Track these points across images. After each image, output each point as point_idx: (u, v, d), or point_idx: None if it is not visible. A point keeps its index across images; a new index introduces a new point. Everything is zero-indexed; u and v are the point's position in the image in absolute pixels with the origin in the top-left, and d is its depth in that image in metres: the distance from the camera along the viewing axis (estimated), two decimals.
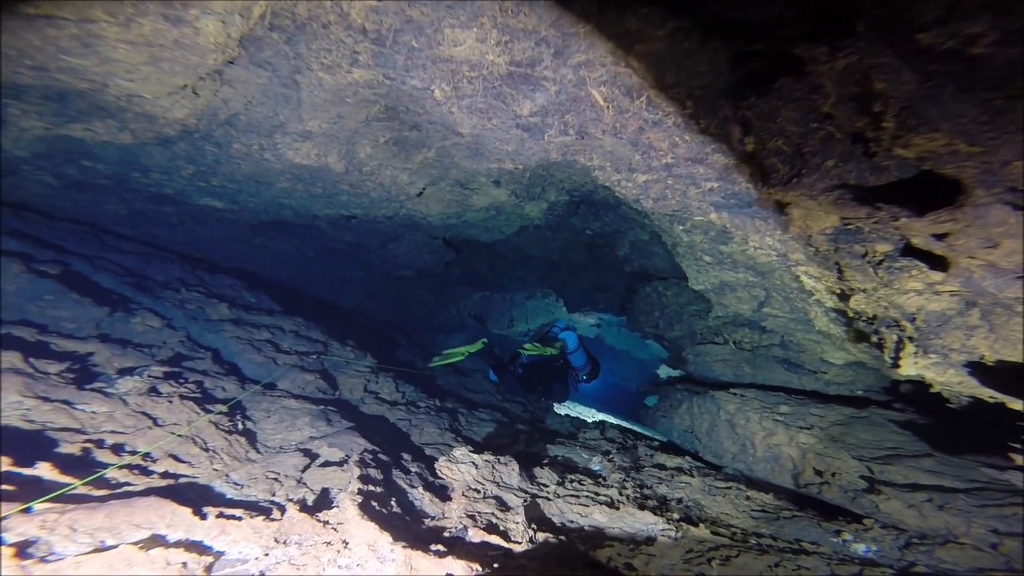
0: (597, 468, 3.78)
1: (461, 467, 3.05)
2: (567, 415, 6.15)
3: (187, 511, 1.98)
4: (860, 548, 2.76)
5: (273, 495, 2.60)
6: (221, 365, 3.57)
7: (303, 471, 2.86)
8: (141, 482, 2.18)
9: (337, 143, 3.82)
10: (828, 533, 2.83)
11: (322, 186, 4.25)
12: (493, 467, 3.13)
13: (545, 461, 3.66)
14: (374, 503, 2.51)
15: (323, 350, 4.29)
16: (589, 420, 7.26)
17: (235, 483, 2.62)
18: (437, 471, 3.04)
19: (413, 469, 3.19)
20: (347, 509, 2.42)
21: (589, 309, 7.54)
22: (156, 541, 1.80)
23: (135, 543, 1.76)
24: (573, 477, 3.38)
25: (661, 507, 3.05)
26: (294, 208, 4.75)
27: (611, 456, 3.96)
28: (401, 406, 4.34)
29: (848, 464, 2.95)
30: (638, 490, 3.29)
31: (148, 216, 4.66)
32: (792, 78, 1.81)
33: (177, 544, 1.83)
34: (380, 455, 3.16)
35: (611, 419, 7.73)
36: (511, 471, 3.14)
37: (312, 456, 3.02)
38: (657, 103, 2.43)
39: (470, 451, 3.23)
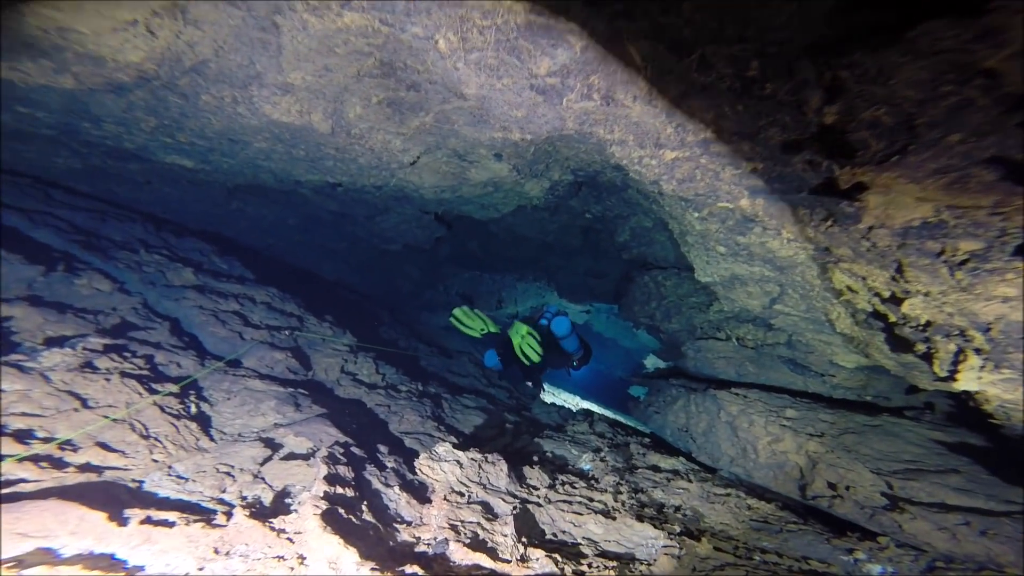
0: (588, 467, 3.44)
1: (444, 466, 2.67)
2: (553, 403, 5.81)
3: (101, 516, 1.56)
4: (875, 569, 2.46)
5: (222, 493, 2.19)
6: (180, 337, 3.12)
7: (262, 464, 2.45)
8: (50, 477, 1.75)
9: (323, 100, 3.33)
10: (838, 550, 2.52)
11: (305, 148, 3.75)
12: (480, 466, 2.76)
13: (535, 459, 3.30)
14: (341, 508, 2.11)
15: (298, 325, 3.85)
16: (574, 408, 6.97)
17: (178, 477, 2.20)
18: (417, 470, 2.65)
19: (390, 465, 2.81)
20: (308, 515, 2.02)
21: (583, 296, 7.17)
22: (41, 556, 1.38)
23: (8, 560, 1.33)
24: (564, 478, 3.03)
25: (659, 517, 2.72)
26: (274, 172, 4.24)
27: (602, 454, 3.62)
28: (380, 390, 3.93)
29: (863, 477, 2.64)
30: (633, 495, 2.95)
31: (109, 172, 4.11)
32: (949, 23, 1.39)
33: (74, 559, 1.41)
34: (353, 448, 2.76)
35: (596, 407, 7.44)
36: (499, 471, 2.77)
37: (274, 447, 2.61)
38: (712, 62, 2.01)
39: (454, 447, 2.85)
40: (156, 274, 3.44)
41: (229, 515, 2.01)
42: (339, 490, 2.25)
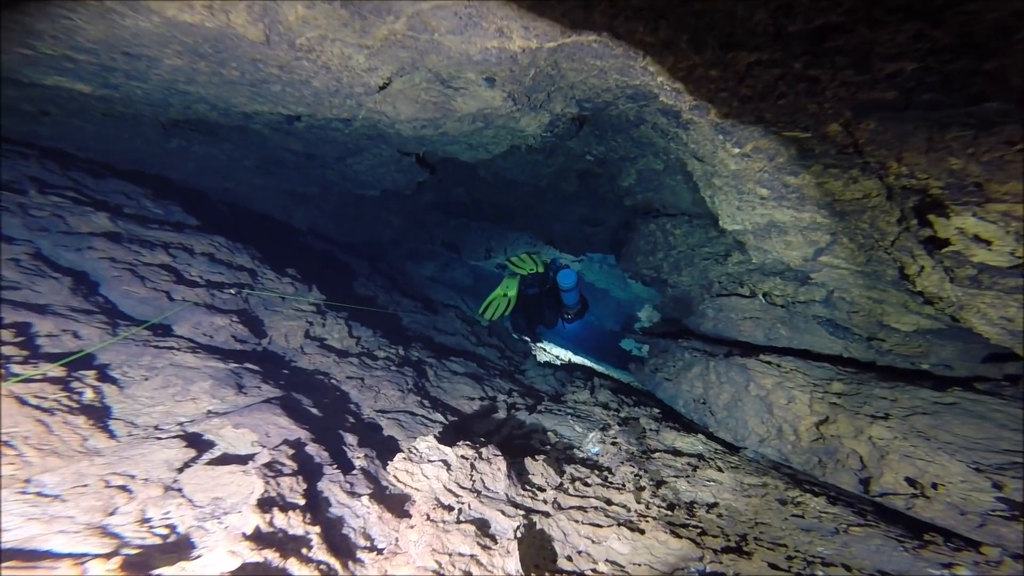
0: (597, 450, 2.81)
1: (427, 469, 1.98)
2: (547, 362, 5.17)
3: None
4: None
5: (108, 517, 1.47)
6: (83, 298, 2.29)
7: (180, 471, 1.73)
8: None
9: None
10: (926, 563, 1.94)
11: (238, 67, 2.79)
12: (472, 466, 2.08)
13: (537, 445, 2.65)
14: (278, 543, 1.42)
15: (249, 282, 3.04)
16: (566, 360, 6.40)
17: (40, 495, 1.47)
18: (393, 476, 1.95)
19: (358, 463, 2.11)
20: (223, 558, 1.32)
21: (578, 246, 6.40)
22: None
23: None
24: (574, 471, 2.38)
25: (695, 525, 2.09)
26: (209, 100, 3.26)
27: (611, 432, 2.98)
28: (353, 358, 3.20)
29: (951, 471, 2.04)
30: (656, 491, 2.33)
31: None
32: None
33: None
34: (310, 443, 2.05)
35: (589, 362, 6.87)
36: (496, 471, 2.10)
37: (202, 445, 1.88)
38: None
39: (439, 441, 2.15)
40: (52, 219, 2.57)
41: (110, 557, 1.30)
42: (279, 515, 1.54)
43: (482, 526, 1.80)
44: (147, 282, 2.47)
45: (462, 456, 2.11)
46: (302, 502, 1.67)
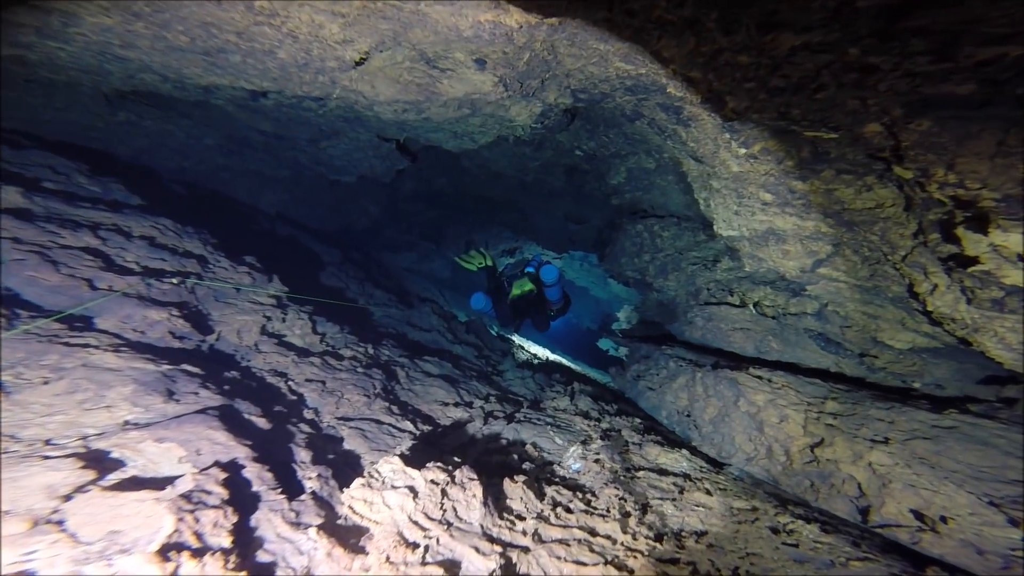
0: (578, 467, 2.57)
1: (390, 497, 1.69)
2: (525, 361, 4.92)
3: None
4: None
5: None
6: None
7: (65, 500, 1.40)
8: None
9: None
10: None
11: (184, 30, 2.41)
12: (443, 492, 1.80)
13: (514, 461, 2.39)
14: None
15: (199, 269, 2.67)
16: (544, 359, 6.17)
17: None
18: (350, 507, 1.65)
19: (309, 485, 1.81)
20: None
21: (561, 243, 6.15)
22: None
23: None
24: (556, 496, 2.13)
25: (685, 561, 1.87)
26: (157, 70, 2.85)
27: (593, 447, 2.75)
28: (316, 357, 2.87)
29: (959, 502, 1.87)
30: (642, 517, 2.10)
31: None
32: None
33: None
34: (251, 461, 1.73)
35: (566, 361, 6.65)
36: (471, 498, 1.83)
37: (107, 465, 1.55)
38: None
39: (405, 462, 1.86)
40: None
41: None
42: (186, 566, 1.23)
43: (451, 567, 1.52)
44: (62, 267, 2.09)
45: (432, 481, 1.83)
46: (227, 541, 1.36)
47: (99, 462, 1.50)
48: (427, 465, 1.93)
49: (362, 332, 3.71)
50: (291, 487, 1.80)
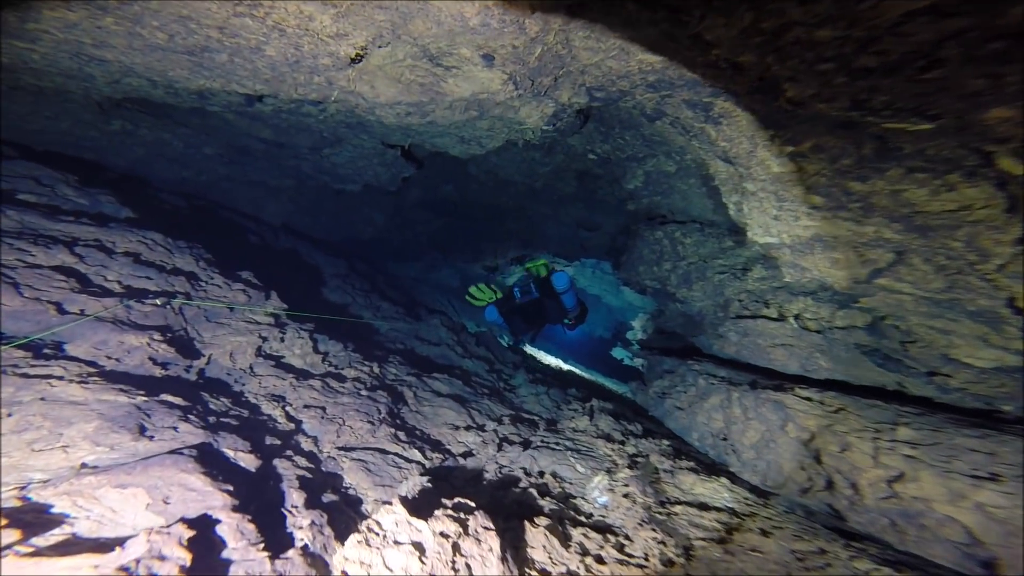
0: (604, 501, 2.26)
1: (391, 558, 1.40)
2: (539, 377, 4.61)
3: None
4: None
5: None
6: None
7: None
8: None
9: None
10: None
11: (160, 25, 2.15)
12: (455, 547, 1.50)
13: (533, 497, 2.09)
14: None
15: (188, 288, 2.40)
16: (557, 367, 5.87)
17: None
18: (342, 572, 1.35)
19: (300, 538, 1.52)
20: None
21: (573, 251, 5.85)
22: None
23: None
24: (584, 541, 1.82)
25: None
26: (141, 74, 2.62)
27: (620, 477, 2.43)
28: (316, 380, 2.59)
29: None
30: (686, 564, 1.78)
31: None
32: None
33: None
34: (229, 510, 1.44)
35: (582, 372, 6.34)
36: (487, 552, 1.53)
37: (41, 524, 1.26)
38: None
39: (408, 511, 1.56)
40: None
41: None
42: None
43: None
44: (25, 290, 1.83)
45: (441, 533, 1.53)
46: None
47: (33, 517, 1.22)
48: (435, 514, 1.63)
49: (367, 349, 3.43)
50: (277, 541, 1.51)
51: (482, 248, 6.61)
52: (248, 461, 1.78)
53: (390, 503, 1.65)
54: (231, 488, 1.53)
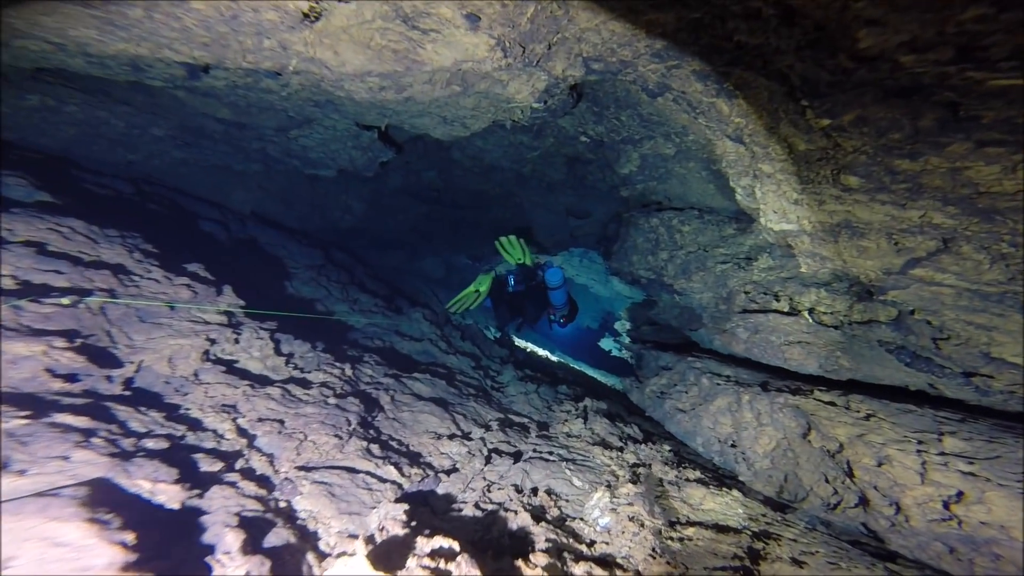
0: (606, 523, 1.93)
1: None
2: (528, 372, 4.26)
3: None
4: None
5: None
6: None
7: None
8: None
9: None
10: None
11: None
12: None
13: (527, 525, 1.74)
14: None
15: (114, 283, 1.97)
16: (544, 356, 5.56)
17: None
18: None
19: None
20: None
21: (562, 239, 5.48)
22: None
23: None
24: None
25: None
26: (40, 36, 2.12)
27: (621, 493, 2.10)
28: (275, 387, 2.19)
29: None
30: None
31: None
32: None
33: None
34: (117, 573, 1.05)
35: (569, 362, 6.03)
36: None
37: None
38: None
39: (371, 561, 1.19)
40: None
41: None
42: None
43: None
44: None
45: None
46: None
47: None
48: (407, 565, 1.27)
49: (340, 348, 3.03)
50: None
51: (467, 236, 6.20)
52: (171, 496, 1.39)
53: (350, 551, 1.28)
54: (129, 538, 1.14)
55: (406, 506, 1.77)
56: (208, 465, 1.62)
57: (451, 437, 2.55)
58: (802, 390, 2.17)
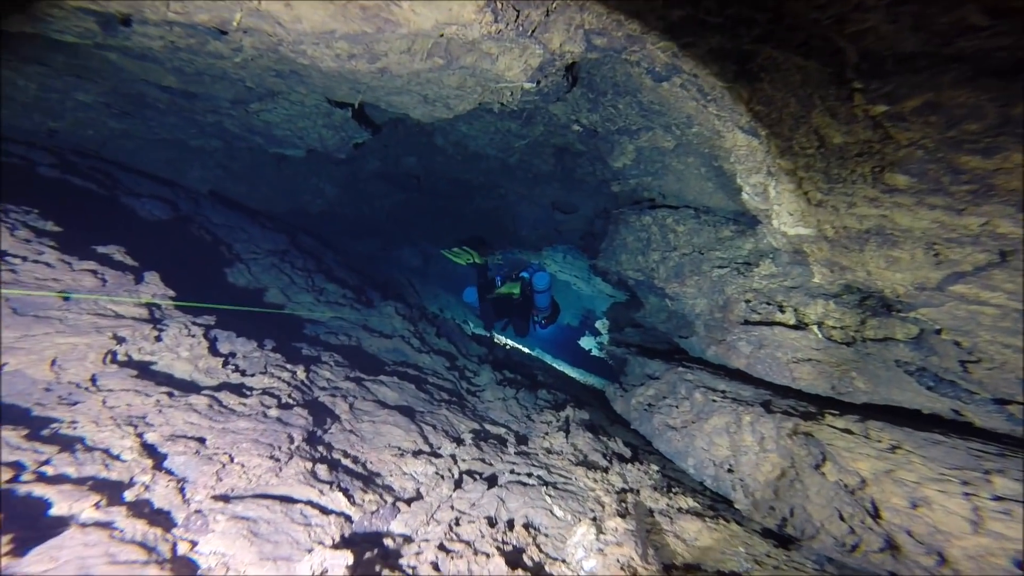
0: (592, 566, 1.58)
1: None
2: (507, 376, 3.89)
3: None
4: None
5: None
6: None
7: None
8: None
9: None
10: None
11: None
12: None
13: (501, 571, 1.38)
14: None
15: None
16: (526, 355, 5.21)
17: None
18: None
19: None
20: None
21: (547, 233, 5.11)
22: None
23: None
24: None
25: None
26: None
27: (608, 525, 1.76)
28: (202, 395, 1.76)
29: None
30: None
31: None
32: None
33: None
34: None
35: (548, 360, 5.69)
36: None
37: None
38: None
39: None
40: None
41: None
42: None
43: None
44: None
45: None
46: None
47: None
48: None
49: (295, 347, 2.60)
50: None
51: (448, 227, 5.77)
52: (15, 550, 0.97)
53: None
54: None
55: (349, 554, 1.39)
56: (75, 500, 1.19)
57: (417, 454, 2.16)
58: (812, 414, 1.86)
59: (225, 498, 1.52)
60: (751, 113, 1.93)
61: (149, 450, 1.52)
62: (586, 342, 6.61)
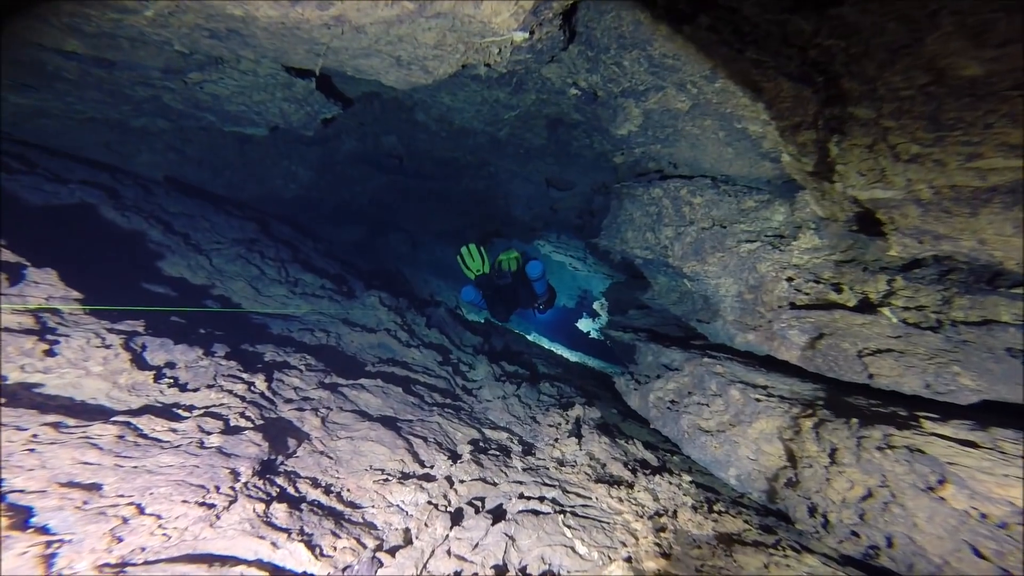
0: None
1: None
2: (505, 369, 3.43)
3: None
4: None
5: None
6: None
7: None
8: None
9: None
10: None
11: None
12: None
13: None
14: None
15: None
16: (534, 341, 4.77)
17: None
18: None
19: None
20: None
21: (542, 212, 4.62)
22: None
23: None
24: None
25: None
26: None
27: (645, 568, 1.32)
28: (112, 421, 1.26)
29: None
30: None
31: None
32: None
33: None
34: None
35: (549, 344, 5.25)
36: None
37: None
38: None
39: None
40: None
41: None
42: None
43: None
44: None
45: None
46: None
47: None
48: None
49: (255, 351, 2.10)
50: None
51: (436, 210, 5.22)
52: None
53: None
54: None
55: None
56: None
57: (404, 478, 1.70)
58: (905, 420, 1.43)
59: (126, 565, 1.04)
60: (817, 49, 1.44)
61: (12, 508, 1.03)
62: (584, 324, 6.18)
